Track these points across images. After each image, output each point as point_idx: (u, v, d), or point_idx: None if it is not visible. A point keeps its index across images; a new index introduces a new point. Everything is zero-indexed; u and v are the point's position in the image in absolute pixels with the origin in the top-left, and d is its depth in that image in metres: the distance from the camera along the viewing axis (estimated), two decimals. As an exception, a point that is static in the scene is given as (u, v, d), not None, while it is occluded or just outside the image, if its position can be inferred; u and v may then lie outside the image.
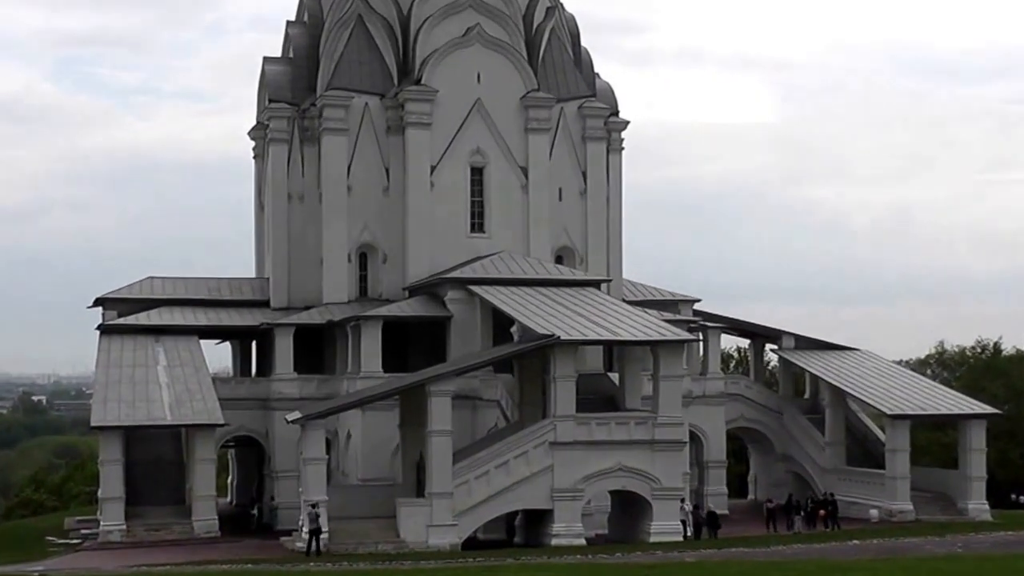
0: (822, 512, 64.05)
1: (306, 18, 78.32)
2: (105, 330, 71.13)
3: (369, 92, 72.81)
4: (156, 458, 65.38)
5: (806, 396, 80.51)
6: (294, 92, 75.41)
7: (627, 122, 77.48)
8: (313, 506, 52.44)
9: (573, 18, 79.50)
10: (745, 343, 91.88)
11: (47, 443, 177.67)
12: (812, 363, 75.72)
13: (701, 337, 74.92)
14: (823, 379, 74.26)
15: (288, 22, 79.55)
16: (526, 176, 73.57)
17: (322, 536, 52.31)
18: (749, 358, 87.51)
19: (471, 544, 55.86)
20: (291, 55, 77.58)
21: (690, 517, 59.21)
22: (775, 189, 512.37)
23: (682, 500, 58.75)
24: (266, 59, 78.20)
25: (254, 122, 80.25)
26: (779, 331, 79.58)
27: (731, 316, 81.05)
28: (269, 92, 75.98)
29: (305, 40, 76.82)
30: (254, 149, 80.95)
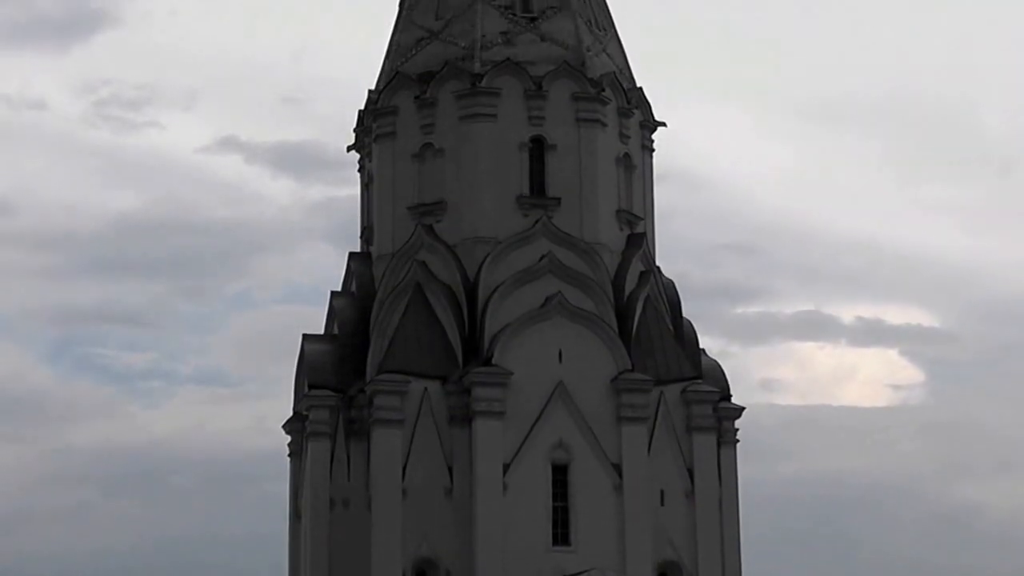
0: None
1: (354, 288, 79.70)
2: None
3: (429, 375, 73.62)
4: None
5: None
6: (339, 376, 76.30)
7: (741, 408, 77.53)
8: None
9: (672, 284, 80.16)
10: None
11: None
12: None
13: None
14: None
15: (333, 293, 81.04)
16: (620, 475, 73.40)
17: None
18: None
19: None
20: (335, 332, 78.86)
21: None
22: (927, 489, 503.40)
23: None
24: (305, 336, 79.54)
25: (289, 413, 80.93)
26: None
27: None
28: (309, 376, 77.05)
29: (352, 314, 78.08)
30: (289, 445, 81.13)
